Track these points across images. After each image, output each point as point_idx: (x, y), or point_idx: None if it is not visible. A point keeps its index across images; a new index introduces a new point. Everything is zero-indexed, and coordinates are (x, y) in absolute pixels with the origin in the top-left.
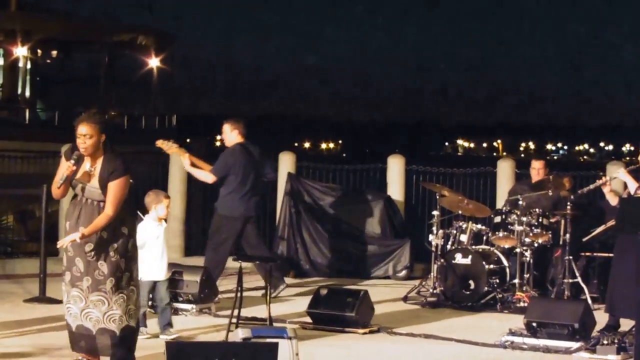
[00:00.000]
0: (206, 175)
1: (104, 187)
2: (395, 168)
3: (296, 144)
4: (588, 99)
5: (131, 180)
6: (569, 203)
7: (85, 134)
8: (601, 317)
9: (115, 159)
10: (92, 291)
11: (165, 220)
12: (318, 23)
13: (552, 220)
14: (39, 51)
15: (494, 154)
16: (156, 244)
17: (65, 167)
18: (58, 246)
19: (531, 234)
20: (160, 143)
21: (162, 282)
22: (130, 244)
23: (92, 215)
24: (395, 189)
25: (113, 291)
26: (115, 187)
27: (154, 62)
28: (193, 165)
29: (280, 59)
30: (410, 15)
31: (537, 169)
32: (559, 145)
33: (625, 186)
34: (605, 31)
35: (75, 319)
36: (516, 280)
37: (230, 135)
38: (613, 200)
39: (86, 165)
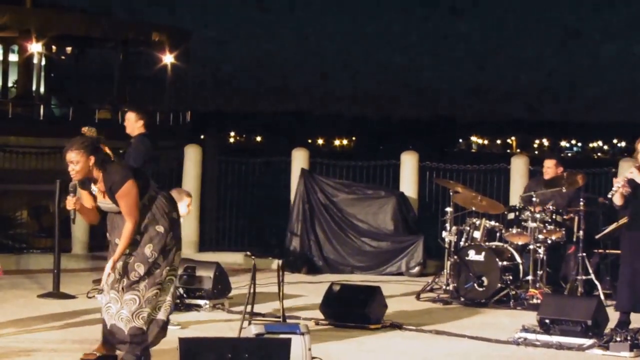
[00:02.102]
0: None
1: (115, 201)
2: (409, 164)
3: (309, 141)
4: (601, 96)
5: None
6: (582, 200)
7: (71, 160)
8: (614, 314)
9: (109, 174)
10: (126, 291)
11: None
12: (329, 17)
13: (566, 217)
14: (53, 47)
15: (508, 150)
16: None
17: (68, 203)
18: (99, 289)
19: (544, 231)
20: (85, 130)
21: None
22: (169, 238)
23: (123, 222)
24: (409, 185)
25: (146, 288)
26: (121, 199)
27: (168, 59)
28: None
29: (293, 55)
30: (421, 10)
31: (546, 167)
32: (573, 142)
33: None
34: (614, 27)
35: (111, 318)
36: (529, 277)
37: (136, 124)
38: (619, 200)
39: (94, 188)
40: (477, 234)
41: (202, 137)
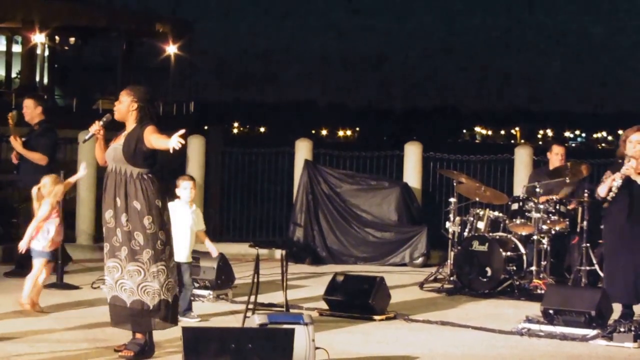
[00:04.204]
0: (41, 157)
1: (125, 146)
2: (413, 155)
3: (313, 131)
4: (606, 87)
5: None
6: (586, 190)
7: (120, 100)
8: (618, 305)
9: (143, 127)
10: (129, 261)
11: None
12: (333, 7)
13: (570, 207)
14: (57, 38)
15: (512, 141)
16: (181, 225)
17: (92, 127)
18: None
19: (548, 221)
20: (10, 115)
21: (184, 266)
22: (166, 217)
23: (116, 182)
24: (413, 176)
25: (150, 262)
26: (147, 133)
27: (171, 50)
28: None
29: (298, 45)
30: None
31: (559, 154)
32: (577, 132)
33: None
34: (620, 20)
35: (110, 290)
36: (533, 268)
37: (35, 111)
38: (604, 192)
39: (126, 129)
40: (480, 225)
41: (205, 127)
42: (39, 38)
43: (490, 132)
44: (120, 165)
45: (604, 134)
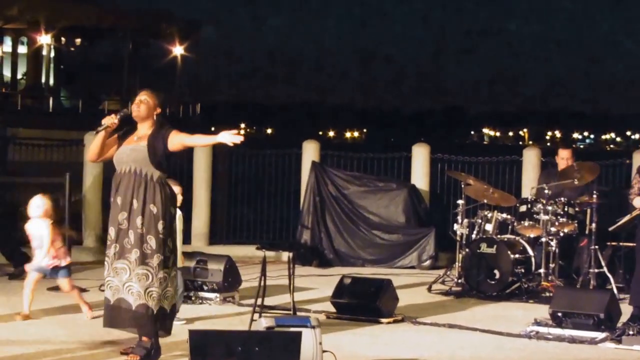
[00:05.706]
0: None
1: (150, 147)
2: (420, 157)
3: (320, 133)
4: (614, 88)
5: None
6: (594, 192)
7: (142, 100)
8: (627, 307)
9: (162, 127)
10: (138, 264)
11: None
12: (341, 7)
13: (578, 209)
14: (62, 39)
15: (520, 142)
16: None
17: (107, 119)
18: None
19: (557, 223)
20: None
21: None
22: (175, 225)
23: (134, 183)
24: (420, 177)
25: (159, 268)
26: (174, 134)
27: (178, 50)
28: None
29: (304, 46)
30: (434, 2)
31: (565, 159)
32: (586, 134)
33: None
34: (626, 17)
35: (115, 292)
36: (541, 270)
37: None
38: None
39: (139, 130)
40: (489, 227)
41: (212, 129)
42: (44, 39)
43: (498, 134)
44: (141, 167)
45: (613, 135)
